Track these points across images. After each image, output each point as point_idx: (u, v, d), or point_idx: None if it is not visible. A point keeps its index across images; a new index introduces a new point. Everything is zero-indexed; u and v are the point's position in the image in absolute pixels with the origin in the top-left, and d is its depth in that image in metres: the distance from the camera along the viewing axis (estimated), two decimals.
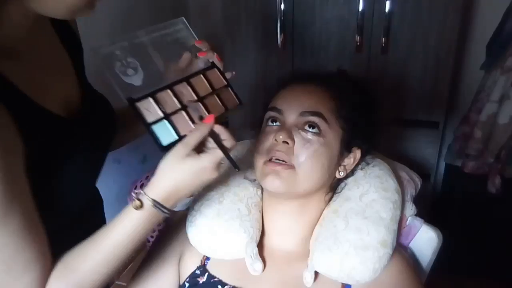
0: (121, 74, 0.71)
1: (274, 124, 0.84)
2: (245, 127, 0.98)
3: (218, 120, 0.72)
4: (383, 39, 1.67)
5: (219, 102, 0.79)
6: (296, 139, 0.80)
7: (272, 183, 0.79)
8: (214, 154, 0.68)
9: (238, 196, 0.89)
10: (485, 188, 1.82)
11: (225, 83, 0.82)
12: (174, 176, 0.67)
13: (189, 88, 0.77)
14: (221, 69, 0.83)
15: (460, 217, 1.93)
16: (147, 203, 0.67)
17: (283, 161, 0.79)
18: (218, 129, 0.71)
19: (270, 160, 0.80)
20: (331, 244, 0.80)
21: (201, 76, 0.80)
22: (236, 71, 0.86)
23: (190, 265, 0.88)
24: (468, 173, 1.85)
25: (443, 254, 0.96)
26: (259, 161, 0.82)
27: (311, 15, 1.75)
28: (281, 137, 0.79)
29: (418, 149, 1.82)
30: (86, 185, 0.83)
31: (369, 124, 0.88)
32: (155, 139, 0.70)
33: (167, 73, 0.78)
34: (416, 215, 0.95)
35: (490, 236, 1.89)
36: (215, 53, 0.82)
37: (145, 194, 0.67)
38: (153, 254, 0.92)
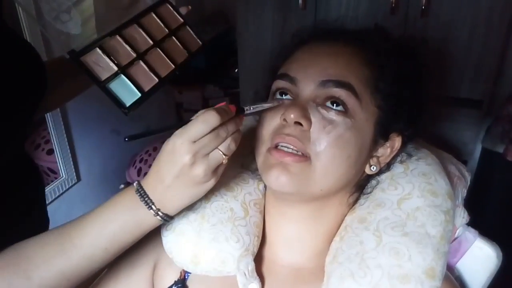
0: (54, 22, 0.56)
1: (284, 97, 0.62)
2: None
3: (182, 66, 0.64)
4: None
5: (180, 45, 0.68)
6: (313, 119, 0.58)
7: (278, 179, 0.57)
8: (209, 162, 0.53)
9: (232, 191, 0.68)
10: None
11: (182, 20, 0.71)
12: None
13: (140, 30, 0.65)
14: (173, 3, 0.72)
15: (500, 214, 1.71)
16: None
17: (294, 149, 0.57)
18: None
19: (276, 147, 0.58)
20: (355, 269, 0.58)
21: (152, 14, 0.68)
22: (250, 34, 0.71)
23: (166, 278, 0.68)
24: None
25: None
26: (261, 148, 0.61)
27: None
28: (292, 116, 0.56)
29: (456, 130, 1.59)
30: None
31: (416, 102, 0.65)
32: (115, 100, 0.62)
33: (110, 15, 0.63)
34: (468, 224, 0.72)
35: None
36: None
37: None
38: (122, 258, 0.72)
